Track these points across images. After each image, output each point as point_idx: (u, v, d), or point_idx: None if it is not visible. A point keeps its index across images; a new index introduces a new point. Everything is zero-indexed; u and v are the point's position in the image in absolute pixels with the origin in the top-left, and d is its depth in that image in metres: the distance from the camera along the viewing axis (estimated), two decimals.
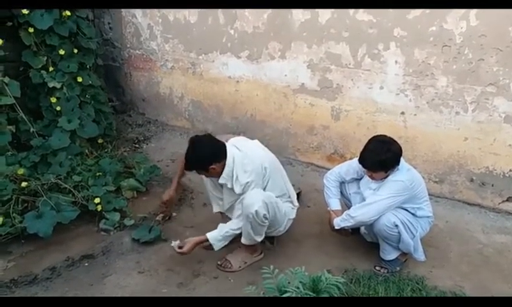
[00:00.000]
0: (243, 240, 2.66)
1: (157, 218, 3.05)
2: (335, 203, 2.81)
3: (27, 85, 3.69)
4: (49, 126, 3.67)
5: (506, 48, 3.05)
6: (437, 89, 3.35)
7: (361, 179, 2.78)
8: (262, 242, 2.83)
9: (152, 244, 2.90)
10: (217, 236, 2.61)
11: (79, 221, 3.02)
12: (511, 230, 3.17)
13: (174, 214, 3.27)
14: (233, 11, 4.02)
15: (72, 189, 3.12)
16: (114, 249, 2.84)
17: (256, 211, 2.46)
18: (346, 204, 2.90)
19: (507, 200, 3.32)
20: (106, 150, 3.89)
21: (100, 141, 3.96)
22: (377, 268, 2.71)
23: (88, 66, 4.03)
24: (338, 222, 2.67)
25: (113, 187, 3.34)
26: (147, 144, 4.47)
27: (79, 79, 3.82)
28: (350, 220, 2.59)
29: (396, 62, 3.44)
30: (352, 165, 2.79)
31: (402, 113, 3.53)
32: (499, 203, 3.36)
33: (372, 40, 3.48)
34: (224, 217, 2.86)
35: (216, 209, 2.88)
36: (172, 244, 2.66)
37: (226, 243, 2.65)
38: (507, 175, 3.28)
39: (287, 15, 3.76)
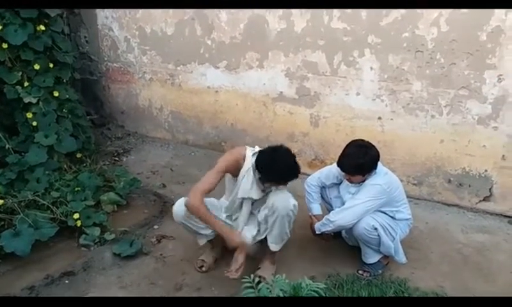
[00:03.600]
0: (276, 247, 2.59)
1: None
2: (316, 208, 2.83)
3: (1, 101, 3.62)
4: (25, 142, 3.59)
5: (476, 52, 3.15)
6: (412, 94, 3.42)
7: (341, 184, 2.81)
8: None
9: (133, 258, 2.86)
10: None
11: (59, 238, 2.95)
12: (488, 229, 3.24)
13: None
14: (209, 21, 4.04)
15: (50, 205, 3.06)
16: (95, 265, 2.79)
17: (294, 205, 2.45)
18: (327, 208, 2.92)
19: (483, 200, 3.40)
20: (85, 164, 3.83)
21: (78, 155, 3.90)
22: (359, 272, 2.73)
23: (64, 80, 3.98)
24: (319, 227, 2.68)
25: (93, 202, 3.28)
26: (127, 156, 4.43)
27: (56, 94, 3.77)
28: (330, 225, 2.61)
29: (371, 68, 3.51)
30: (332, 170, 2.82)
31: (379, 118, 3.59)
32: (476, 203, 3.43)
33: (347, 48, 3.54)
34: (216, 241, 2.73)
35: (204, 241, 2.71)
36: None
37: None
38: (482, 175, 3.36)
39: (263, 24, 3.80)
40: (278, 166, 2.34)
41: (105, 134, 4.77)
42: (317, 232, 2.71)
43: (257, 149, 2.56)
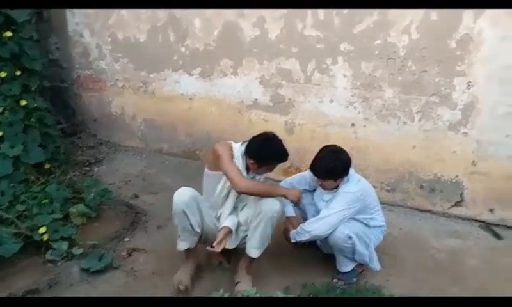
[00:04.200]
0: (256, 253, 2.59)
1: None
2: (289, 210, 2.81)
3: None
4: None
5: (446, 60, 3.19)
6: (384, 101, 3.45)
7: (314, 191, 2.81)
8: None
9: (102, 273, 2.76)
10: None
11: (23, 254, 2.82)
12: (460, 234, 3.28)
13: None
14: (184, 27, 3.99)
15: (15, 219, 2.94)
16: (62, 281, 2.68)
17: (279, 207, 2.50)
18: (301, 215, 2.90)
19: (455, 205, 3.44)
20: (54, 176, 3.70)
21: (46, 166, 3.76)
22: (334, 280, 2.71)
23: (32, 89, 3.84)
24: (294, 236, 2.66)
25: (61, 215, 3.17)
26: (99, 166, 4.32)
27: (23, 102, 3.64)
28: (305, 235, 2.59)
29: (344, 75, 3.52)
30: (304, 176, 2.82)
31: (353, 125, 3.60)
32: (448, 208, 3.47)
33: (320, 55, 3.54)
34: (193, 254, 2.70)
35: (185, 247, 2.63)
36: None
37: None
38: (453, 181, 3.40)
39: (237, 31, 3.77)
40: (272, 147, 2.52)
41: (76, 143, 4.66)
42: (292, 240, 2.69)
43: (238, 143, 2.65)
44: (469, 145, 3.28)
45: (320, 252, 2.86)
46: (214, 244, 2.51)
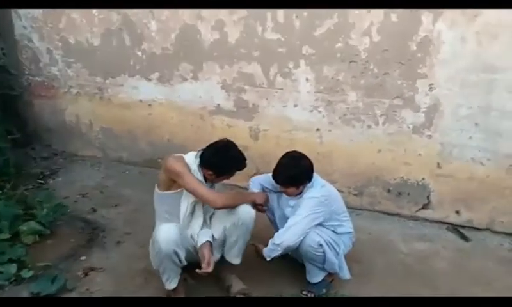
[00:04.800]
0: (239, 260, 2.60)
1: None
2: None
3: None
4: None
5: (408, 62, 3.17)
6: (348, 104, 3.40)
7: (279, 193, 2.73)
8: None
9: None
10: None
11: None
12: (428, 237, 3.28)
13: None
14: (138, 31, 3.81)
15: None
16: None
17: (254, 211, 2.51)
18: (270, 219, 2.84)
19: (422, 208, 3.44)
20: (1, 191, 3.45)
21: None
22: (304, 292, 2.65)
23: None
24: (268, 254, 2.54)
25: (9, 234, 2.95)
26: (53, 179, 4.07)
27: None
28: (277, 249, 2.48)
29: (307, 79, 3.44)
30: (271, 177, 2.72)
31: (318, 129, 3.54)
32: (416, 211, 3.47)
33: (282, 59, 3.46)
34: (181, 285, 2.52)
35: (175, 283, 2.43)
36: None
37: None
38: (420, 183, 3.39)
39: (196, 35, 3.63)
40: (229, 155, 2.44)
41: (29, 155, 4.37)
42: (267, 259, 2.56)
43: (191, 153, 2.53)
44: (433, 148, 3.28)
45: (289, 263, 2.78)
46: (203, 265, 2.36)
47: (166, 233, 2.30)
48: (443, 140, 3.24)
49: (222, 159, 2.41)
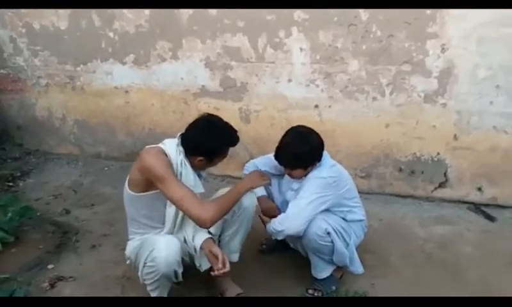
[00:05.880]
0: (237, 257, 2.27)
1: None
2: (259, 190, 2.37)
3: None
4: None
5: (415, 21, 2.82)
6: (349, 75, 3.05)
7: (282, 175, 2.40)
8: None
9: None
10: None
11: None
12: (448, 219, 2.97)
13: None
14: (109, 10, 3.40)
15: None
16: None
17: (255, 198, 2.24)
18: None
19: (439, 186, 3.13)
20: None
21: None
22: (309, 291, 2.31)
23: None
24: (270, 234, 2.25)
25: None
26: (24, 180, 3.68)
27: None
28: (279, 235, 2.18)
29: (301, 49, 3.08)
30: (271, 159, 2.39)
31: (316, 106, 3.19)
32: (432, 191, 3.15)
33: (271, 28, 3.10)
34: None
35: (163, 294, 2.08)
36: None
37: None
38: (435, 159, 3.07)
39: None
40: (218, 132, 2.02)
41: None
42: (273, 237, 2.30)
43: (170, 141, 2.07)
44: (449, 117, 2.94)
45: (291, 260, 2.48)
46: (219, 265, 1.95)
47: (166, 253, 1.86)
48: (459, 108, 2.90)
49: (210, 138, 1.99)
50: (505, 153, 2.90)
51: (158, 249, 1.86)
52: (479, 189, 3.02)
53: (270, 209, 2.33)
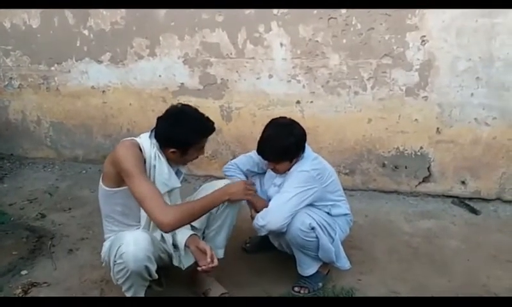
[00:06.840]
0: (222, 253, 2.19)
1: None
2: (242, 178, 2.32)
3: None
4: None
5: (394, 12, 2.79)
6: (330, 69, 3.00)
7: (264, 173, 2.34)
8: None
9: None
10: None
11: None
12: (433, 213, 2.96)
13: None
14: None
15: None
16: None
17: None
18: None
19: (423, 181, 3.10)
20: None
21: None
22: (295, 289, 2.23)
23: None
24: (255, 228, 2.15)
25: None
26: None
27: None
28: (262, 231, 2.10)
29: (281, 44, 3.03)
30: (252, 158, 2.34)
31: (298, 102, 3.13)
32: (416, 186, 3.13)
33: (250, 22, 3.04)
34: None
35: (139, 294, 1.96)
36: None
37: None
38: (418, 153, 3.04)
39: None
40: (191, 122, 1.91)
41: None
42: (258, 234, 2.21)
43: (144, 135, 1.99)
44: (431, 110, 2.92)
45: (276, 257, 2.40)
46: (207, 260, 1.86)
47: (134, 247, 1.75)
48: (441, 100, 2.88)
49: (182, 128, 1.88)
50: (487, 145, 2.89)
51: (126, 244, 1.75)
52: (463, 183, 3.01)
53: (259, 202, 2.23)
